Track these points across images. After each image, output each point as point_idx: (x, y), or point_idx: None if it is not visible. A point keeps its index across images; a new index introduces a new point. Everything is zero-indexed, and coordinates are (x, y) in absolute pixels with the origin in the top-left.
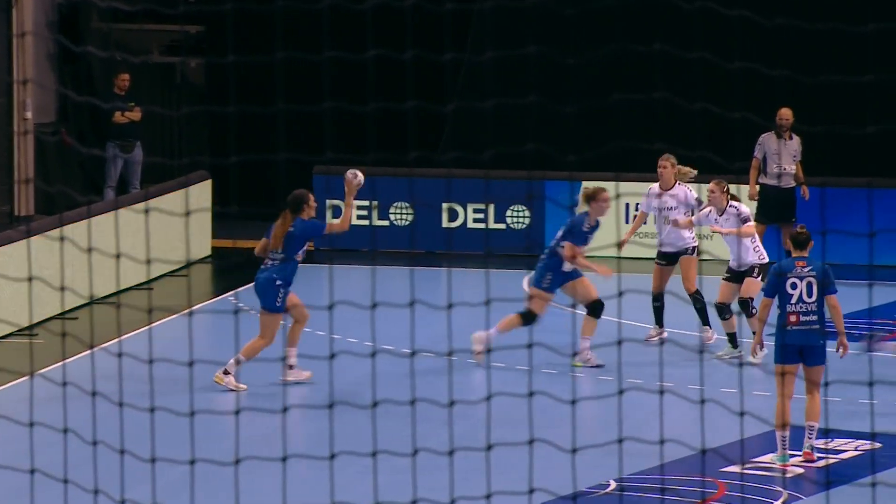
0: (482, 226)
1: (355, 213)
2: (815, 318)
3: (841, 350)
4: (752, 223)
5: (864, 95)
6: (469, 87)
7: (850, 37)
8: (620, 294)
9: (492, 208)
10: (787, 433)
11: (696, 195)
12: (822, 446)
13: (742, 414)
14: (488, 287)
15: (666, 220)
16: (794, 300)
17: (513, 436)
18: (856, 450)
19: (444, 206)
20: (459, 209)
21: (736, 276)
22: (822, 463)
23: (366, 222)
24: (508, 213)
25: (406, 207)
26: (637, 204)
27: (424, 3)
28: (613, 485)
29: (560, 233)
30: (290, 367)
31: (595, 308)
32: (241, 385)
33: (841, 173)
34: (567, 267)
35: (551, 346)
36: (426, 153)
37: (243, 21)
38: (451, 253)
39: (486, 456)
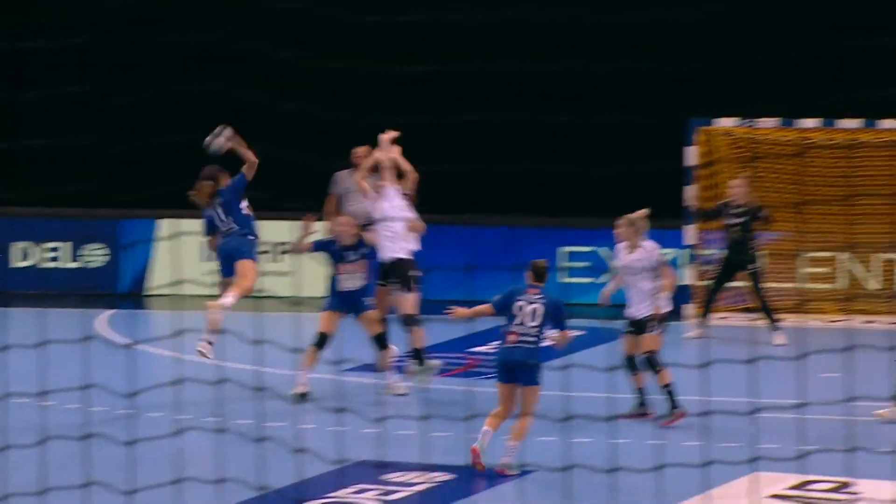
0: (56, 265)
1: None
2: (533, 340)
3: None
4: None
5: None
6: (23, 124)
7: (396, 79)
8: (180, 332)
9: (68, 247)
10: (491, 431)
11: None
12: (399, 479)
13: (300, 451)
14: (44, 327)
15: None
16: (517, 321)
17: (71, 480)
18: (429, 482)
19: (16, 245)
20: (33, 248)
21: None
22: (398, 495)
23: None
24: (84, 251)
25: None
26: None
27: None
28: None
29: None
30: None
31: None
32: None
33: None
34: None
35: (112, 388)
36: None
37: None
38: (22, 293)
39: (43, 500)
